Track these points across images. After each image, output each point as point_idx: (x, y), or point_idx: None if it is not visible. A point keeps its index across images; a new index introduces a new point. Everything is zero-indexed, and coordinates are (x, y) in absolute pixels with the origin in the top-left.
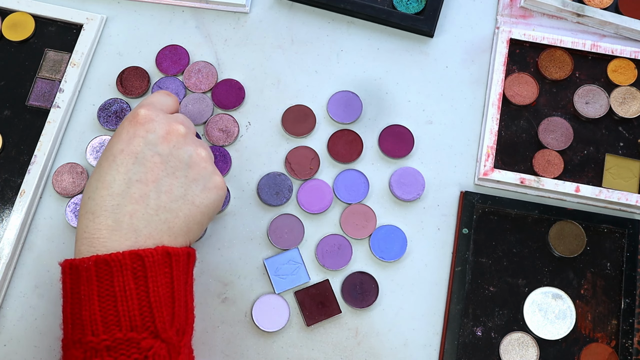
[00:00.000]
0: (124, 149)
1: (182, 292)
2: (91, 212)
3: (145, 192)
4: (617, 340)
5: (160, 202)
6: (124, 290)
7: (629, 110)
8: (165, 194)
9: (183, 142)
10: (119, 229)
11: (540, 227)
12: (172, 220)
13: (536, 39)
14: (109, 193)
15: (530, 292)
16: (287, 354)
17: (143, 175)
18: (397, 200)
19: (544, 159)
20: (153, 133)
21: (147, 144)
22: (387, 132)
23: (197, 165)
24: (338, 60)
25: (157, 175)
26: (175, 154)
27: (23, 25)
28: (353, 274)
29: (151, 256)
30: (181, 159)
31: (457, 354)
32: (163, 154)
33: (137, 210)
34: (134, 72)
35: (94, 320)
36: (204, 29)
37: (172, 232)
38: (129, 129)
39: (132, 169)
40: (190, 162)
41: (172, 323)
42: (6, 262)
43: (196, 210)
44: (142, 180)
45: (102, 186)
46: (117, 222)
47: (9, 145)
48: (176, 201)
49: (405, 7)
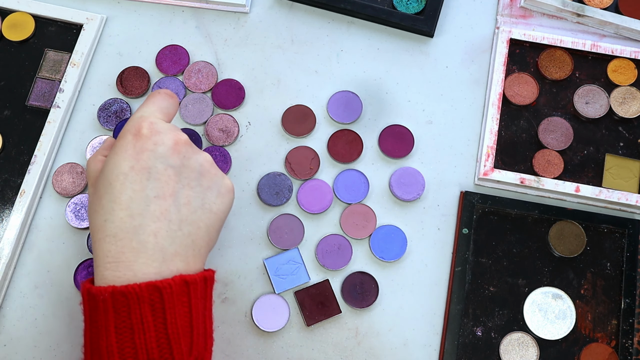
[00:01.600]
0: (134, 166)
1: (200, 320)
2: (112, 235)
3: (166, 208)
4: (617, 340)
5: (182, 215)
6: (142, 323)
7: (629, 110)
8: (185, 207)
9: (191, 151)
10: (145, 251)
11: (540, 227)
12: (195, 232)
13: (536, 39)
14: (128, 214)
15: (530, 292)
16: (287, 354)
17: (160, 191)
18: (397, 200)
19: (544, 159)
20: (162, 145)
21: (157, 158)
22: (387, 132)
23: (208, 172)
24: (338, 60)
25: (174, 188)
26: (187, 164)
27: (23, 25)
28: (353, 274)
29: (169, 287)
30: (193, 168)
31: (457, 354)
32: (175, 165)
33: (160, 228)
34: (134, 72)
35: (110, 352)
36: (204, 29)
37: (196, 245)
38: (135, 144)
39: (147, 185)
40: (202, 170)
41: (190, 352)
42: (6, 262)
43: (215, 218)
44: (160, 195)
45: (119, 207)
46: (142, 243)
47: (9, 145)
48: (196, 212)
49: (405, 7)
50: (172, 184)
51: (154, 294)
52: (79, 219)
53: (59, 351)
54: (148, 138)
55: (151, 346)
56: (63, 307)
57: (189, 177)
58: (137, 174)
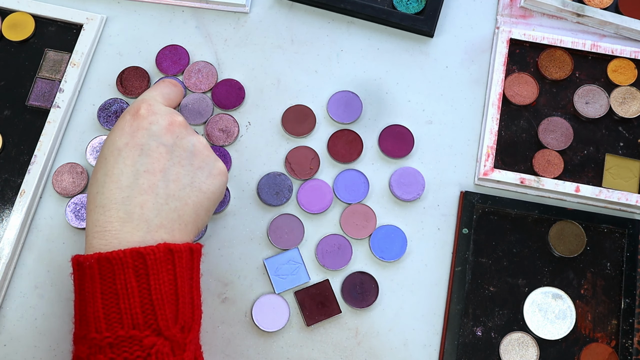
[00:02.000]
0: (128, 142)
1: (186, 289)
2: (101, 206)
3: (154, 182)
4: (617, 340)
5: (169, 190)
6: (126, 288)
7: (629, 110)
8: (173, 183)
9: (185, 132)
10: (131, 221)
11: (540, 227)
12: (181, 208)
13: (536, 39)
14: (118, 186)
15: (530, 292)
16: (287, 354)
17: (150, 166)
18: (397, 200)
19: (544, 159)
20: (156, 124)
21: (151, 136)
22: (387, 132)
23: (200, 153)
24: (338, 60)
25: (164, 165)
26: (179, 143)
27: (23, 25)
28: (353, 274)
29: (152, 254)
30: (185, 147)
31: (457, 354)
32: (168, 144)
33: (147, 200)
34: (134, 72)
35: (97, 317)
36: (204, 29)
37: (182, 220)
38: (132, 122)
39: (138, 160)
40: (194, 151)
41: (175, 320)
42: (6, 262)
43: (203, 197)
44: (149, 170)
45: (110, 180)
46: (128, 213)
47: (9, 145)
48: (184, 189)
49: (405, 7)
50: (162, 160)
51: (138, 259)
52: (79, 219)
53: (59, 351)
54: (145, 118)
55: (135, 311)
56: (63, 307)
57: (181, 156)
58: (131, 150)
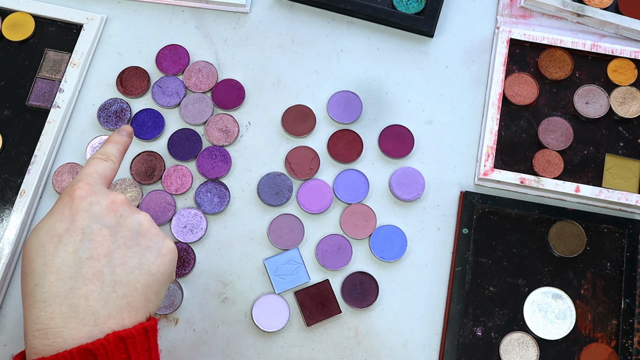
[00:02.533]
0: (69, 227)
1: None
2: (42, 301)
3: (99, 269)
4: (617, 340)
5: (116, 276)
6: None
7: (629, 110)
8: (119, 267)
9: (129, 210)
10: (75, 315)
11: (540, 227)
12: (130, 294)
13: (536, 39)
14: (59, 277)
15: (530, 292)
16: (287, 354)
17: (94, 252)
18: (397, 200)
19: (544, 159)
20: (97, 205)
21: (92, 218)
22: (387, 132)
23: (147, 232)
24: (338, 60)
25: (108, 249)
26: (124, 223)
27: (23, 25)
28: (353, 274)
29: (102, 348)
30: (130, 227)
31: (457, 354)
32: (111, 225)
33: (92, 290)
34: (134, 72)
35: None
36: (204, 29)
37: (132, 307)
38: (70, 205)
39: (80, 246)
40: (140, 230)
41: None
42: (6, 262)
43: (153, 279)
44: (93, 256)
45: (51, 270)
46: (73, 307)
47: (9, 145)
48: (132, 272)
49: (405, 7)
50: (106, 244)
51: (88, 358)
52: None
53: None
54: (84, 198)
55: None
56: None
57: (126, 237)
58: (71, 236)
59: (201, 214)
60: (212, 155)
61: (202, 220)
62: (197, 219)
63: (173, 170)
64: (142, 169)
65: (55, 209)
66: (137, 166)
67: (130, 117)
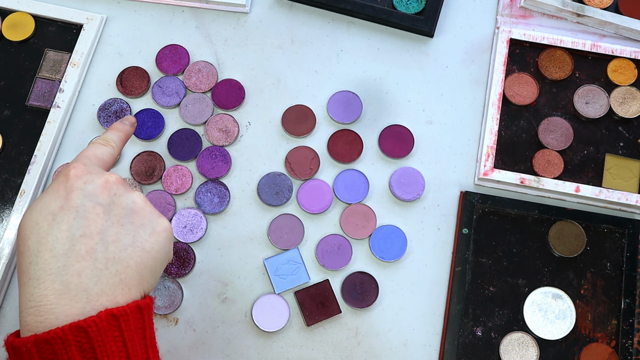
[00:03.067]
0: (63, 205)
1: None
2: (35, 278)
3: (92, 246)
4: (617, 340)
5: (109, 253)
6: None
7: (629, 110)
8: (112, 244)
9: (123, 189)
10: (68, 292)
11: (540, 227)
12: (123, 271)
13: (536, 39)
14: (52, 255)
15: (530, 292)
16: (287, 354)
17: (87, 229)
18: (397, 200)
19: (544, 159)
20: (91, 184)
21: (86, 196)
22: (387, 132)
23: (141, 210)
24: (338, 60)
25: (102, 226)
26: (117, 201)
27: (23, 25)
28: (353, 274)
29: (95, 325)
30: (124, 205)
31: (457, 354)
32: (104, 203)
33: (85, 267)
34: (134, 72)
35: None
36: (204, 29)
37: (125, 284)
38: (65, 184)
39: (74, 224)
40: (134, 208)
41: None
42: (6, 262)
43: (147, 257)
44: (86, 234)
45: (44, 248)
46: (65, 284)
47: (9, 145)
48: (125, 250)
49: (405, 7)
50: (100, 221)
51: (80, 334)
52: None
53: None
54: (79, 177)
55: None
56: None
57: (119, 215)
58: (65, 214)
59: (201, 214)
60: (212, 155)
61: (202, 220)
62: (197, 219)
63: (173, 170)
64: (142, 169)
65: (51, 188)
66: (137, 166)
67: None
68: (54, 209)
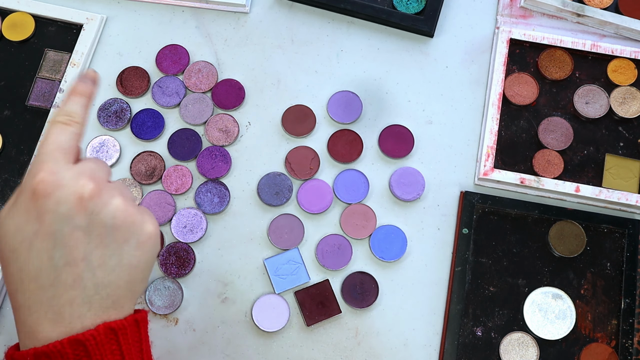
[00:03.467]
0: (37, 230)
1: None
2: (26, 307)
3: (78, 274)
4: (617, 340)
5: (97, 279)
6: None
7: (629, 110)
8: (99, 269)
9: (100, 202)
10: (62, 320)
11: (540, 227)
12: (114, 292)
13: (536, 39)
14: (38, 286)
15: (530, 292)
16: (287, 354)
17: (69, 257)
18: (397, 200)
19: (544, 159)
20: (64, 204)
21: (61, 220)
22: (387, 132)
23: (123, 223)
24: (338, 60)
25: (84, 251)
26: (96, 220)
27: (23, 25)
28: (353, 274)
29: (92, 338)
30: (104, 223)
31: (457, 354)
32: (82, 225)
33: (75, 296)
34: (134, 72)
35: None
36: (204, 29)
37: (118, 304)
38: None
39: (54, 254)
40: (115, 224)
41: None
42: None
43: (136, 271)
44: (69, 262)
45: (28, 278)
46: (58, 314)
47: (9, 145)
48: (113, 271)
49: (405, 7)
50: (81, 246)
51: (78, 348)
52: None
53: None
54: (49, 196)
55: None
56: None
57: (101, 234)
58: (42, 242)
59: (201, 214)
60: (212, 155)
61: (202, 220)
62: (197, 219)
63: (173, 170)
64: (142, 169)
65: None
66: (137, 166)
67: (130, 117)
68: (29, 234)
